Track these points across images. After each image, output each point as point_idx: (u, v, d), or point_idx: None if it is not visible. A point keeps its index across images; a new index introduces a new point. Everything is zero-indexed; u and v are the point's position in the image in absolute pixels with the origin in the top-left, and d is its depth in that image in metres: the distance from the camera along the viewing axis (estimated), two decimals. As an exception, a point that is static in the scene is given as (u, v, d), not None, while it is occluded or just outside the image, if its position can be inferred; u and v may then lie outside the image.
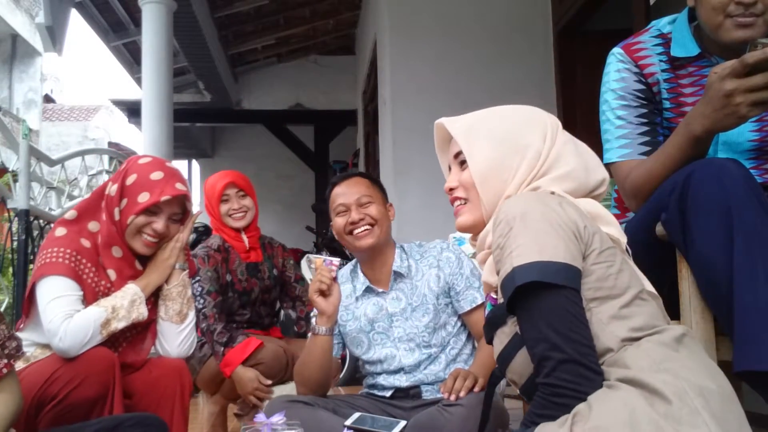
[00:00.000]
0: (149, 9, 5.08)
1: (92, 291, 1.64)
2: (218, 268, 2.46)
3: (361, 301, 1.84)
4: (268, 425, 1.31)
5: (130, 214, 1.67)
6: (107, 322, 1.59)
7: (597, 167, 1.20)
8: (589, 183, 1.17)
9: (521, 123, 1.19)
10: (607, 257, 1.04)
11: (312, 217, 7.37)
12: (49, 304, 1.56)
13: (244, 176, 2.60)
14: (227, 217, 2.52)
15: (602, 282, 1.02)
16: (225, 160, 10.47)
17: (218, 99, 8.15)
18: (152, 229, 1.69)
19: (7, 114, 12.34)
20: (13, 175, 3.19)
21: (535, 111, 1.23)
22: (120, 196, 1.69)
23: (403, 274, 1.81)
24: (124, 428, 1.44)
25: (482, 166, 1.15)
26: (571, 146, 1.18)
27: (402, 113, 4.53)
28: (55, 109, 17.30)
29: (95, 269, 1.66)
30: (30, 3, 13.91)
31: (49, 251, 1.62)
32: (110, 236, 1.69)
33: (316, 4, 7.21)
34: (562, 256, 0.98)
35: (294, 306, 2.68)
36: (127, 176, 1.70)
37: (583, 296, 1.01)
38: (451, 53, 4.48)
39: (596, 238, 1.05)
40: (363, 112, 7.28)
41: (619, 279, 1.04)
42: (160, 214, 1.70)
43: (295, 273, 2.72)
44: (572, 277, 0.99)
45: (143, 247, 1.71)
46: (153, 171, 1.71)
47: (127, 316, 1.63)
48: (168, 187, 1.68)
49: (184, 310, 1.78)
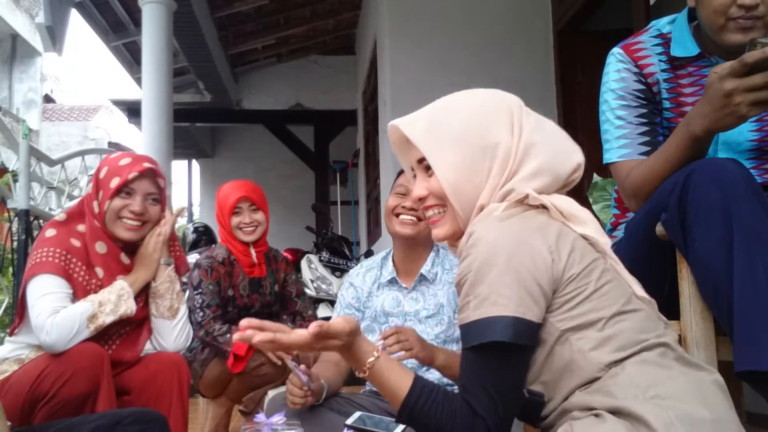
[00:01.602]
0: (149, 9, 5.08)
1: (83, 289, 1.67)
2: (221, 281, 2.47)
3: (382, 290, 1.83)
4: (268, 425, 1.31)
5: (105, 201, 1.71)
6: (94, 316, 1.60)
7: (569, 151, 1.14)
8: (562, 173, 1.12)
9: (484, 116, 1.12)
10: (584, 280, 1.01)
11: (312, 217, 7.37)
12: (38, 301, 1.59)
13: (258, 189, 2.57)
14: (237, 230, 2.51)
15: (579, 309, 1.01)
16: (225, 160, 10.47)
17: (218, 99, 8.14)
18: (130, 211, 1.72)
19: (7, 114, 12.34)
20: (13, 175, 3.19)
21: (496, 96, 1.16)
22: (96, 190, 1.74)
23: (429, 279, 1.80)
24: (123, 425, 1.44)
25: (451, 175, 1.09)
26: (539, 132, 1.12)
27: (402, 113, 4.51)
28: (55, 109, 17.30)
29: (86, 268, 1.69)
30: (30, 3, 13.91)
31: (40, 251, 1.64)
32: (93, 231, 1.73)
33: (316, 4, 7.21)
34: (513, 309, 0.97)
35: (294, 320, 2.67)
36: (100, 171, 1.76)
37: (558, 327, 1.01)
38: (451, 53, 4.48)
39: (571, 263, 1.02)
40: (363, 112, 7.28)
41: (600, 300, 1.01)
42: (134, 195, 1.73)
43: (296, 288, 2.71)
44: (520, 332, 0.97)
45: (126, 231, 1.73)
46: (122, 159, 1.76)
47: (115, 310, 1.64)
48: (135, 166, 1.73)
49: (175, 305, 1.81)
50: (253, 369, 2.35)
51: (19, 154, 3.16)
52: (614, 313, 1.01)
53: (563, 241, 1.03)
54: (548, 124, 1.16)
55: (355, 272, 1.91)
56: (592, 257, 1.05)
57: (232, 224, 2.50)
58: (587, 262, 1.03)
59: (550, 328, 1.02)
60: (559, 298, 1.01)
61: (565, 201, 1.10)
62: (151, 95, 5.05)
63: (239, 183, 2.56)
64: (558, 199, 1.10)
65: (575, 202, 1.11)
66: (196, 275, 2.46)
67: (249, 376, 2.36)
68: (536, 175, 1.09)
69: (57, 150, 10.82)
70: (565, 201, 1.10)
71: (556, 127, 1.17)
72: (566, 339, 1.00)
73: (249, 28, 7.40)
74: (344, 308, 1.87)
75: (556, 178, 1.12)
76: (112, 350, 1.70)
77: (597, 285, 1.02)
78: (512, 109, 1.13)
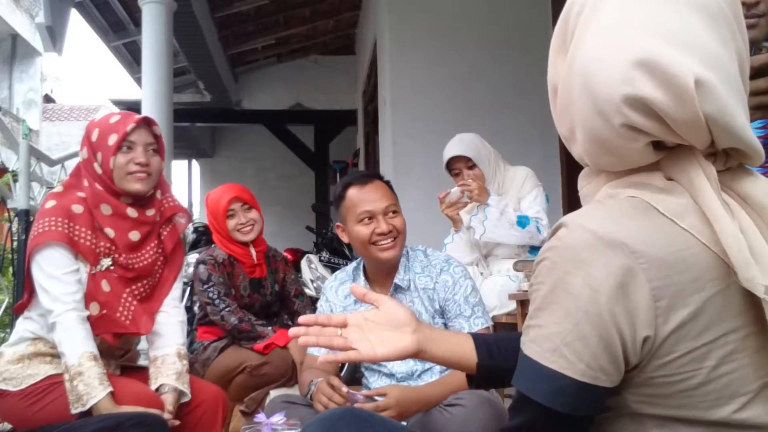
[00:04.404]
0: (149, 9, 5.07)
1: (91, 252, 1.67)
2: (224, 277, 2.49)
3: (359, 305, 1.77)
4: (268, 425, 1.31)
5: (109, 159, 1.69)
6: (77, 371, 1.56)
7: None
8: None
9: None
10: (691, 365, 0.69)
11: (312, 217, 7.37)
12: (47, 283, 1.60)
13: (246, 189, 2.59)
14: (236, 232, 2.52)
15: (671, 401, 0.71)
16: (225, 160, 10.48)
17: (218, 99, 8.15)
18: (135, 163, 1.72)
19: (7, 114, 12.34)
20: (13, 175, 3.19)
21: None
22: (93, 154, 1.72)
23: (403, 287, 1.76)
24: (125, 428, 1.44)
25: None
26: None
27: (402, 113, 4.53)
28: (55, 109, 17.30)
29: (90, 232, 1.68)
30: (30, 3, 13.91)
31: (42, 222, 1.64)
32: (95, 196, 1.72)
33: (316, 4, 7.21)
34: (581, 371, 0.70)
35: (292, 320, 2.67)
36: (91, 135, 1.74)
37: (631, 407, 0.74)
38: (451, 53, 4.48)
39: (684, 334, 0.68)
40: (363, 112, 7.28)
41: (707, 396, 0.70)
42: (135, 147, 1.72)
43: (295, 288, 2.71)
44: (585, 402, 0.72)
45: (136, 184, 1.72)
46: (110, 117, 1.75)
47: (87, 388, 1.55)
48: (129, 119, 1.73)
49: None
50: (254, 369, 2.36)
51: (19, 154, 3.16)
52: (720, 420, 0.70)
53: (689, 293, 0.68)
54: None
55: (329, 285, 1.89)
56: (726, 328, 0.69)
57: (229, 227, 2.51)
58: (712, 337, 0.69)
59: (620, 400, 0.75)
60: (640, 376, 0.72)
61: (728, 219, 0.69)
62: (151, 95, 5.04)
63: (227, 186, 2.59)
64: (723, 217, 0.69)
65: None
66: (203, 270, 2.46)
67: (250, 376, 2.37)
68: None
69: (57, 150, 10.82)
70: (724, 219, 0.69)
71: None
72: (641, 421, 0.74)
73: (249, 28, 7.40)
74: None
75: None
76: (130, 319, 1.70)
77: (710, 376, 0.69)
78: None
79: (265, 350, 2.37)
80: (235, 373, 2.38)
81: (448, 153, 2.70)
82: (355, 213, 1.72)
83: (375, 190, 1.74)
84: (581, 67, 0.75)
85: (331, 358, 0.99)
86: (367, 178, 1.77)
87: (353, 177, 1.80)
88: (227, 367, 2.38)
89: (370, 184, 1.75)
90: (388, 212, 1.73)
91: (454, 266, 1.79)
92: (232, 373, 2.38)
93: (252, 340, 2.40)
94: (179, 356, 1.75)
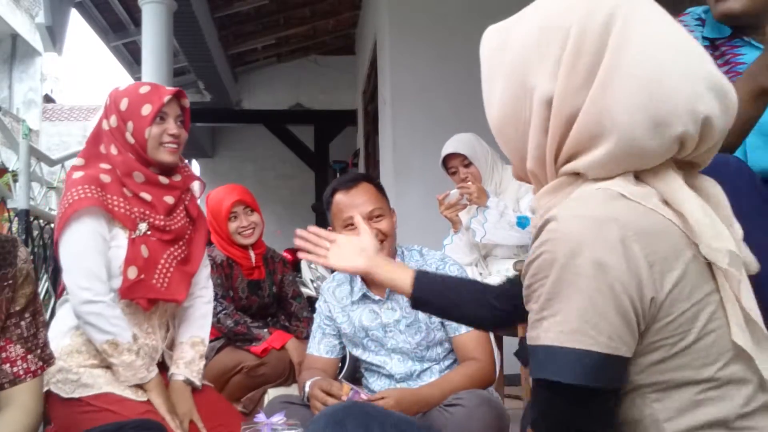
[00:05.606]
0: (149, 9, 5.07)
1: (128, 218, 1.66)
2: (222, 279, 2.49)
3: (356, 306, 1.79)
4: (268, 425, 1.31)
5: (144, 129, 1.69)
6: (116, 345, 1.61)
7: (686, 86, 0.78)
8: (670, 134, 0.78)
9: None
10: (686, 326, 0.77)
11: (312, 217, 7.37)
12: (73, 263, 1.61)
13: (248, 191, 2.58)
14: (237, 235, 2.51)
15: (668, 363, 0.78)
16: (225, 160, 10.47)
17: (218, 99, 8.15)
18: (169, 135, 1.72)
19: (7, 114, 12.35)
20: (13, 175, 3.19)
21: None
22: (123, 123, 1.71)
23: None
24: (126, 430, 1.44)
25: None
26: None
27: (402, 113, 4.53)
28: (55, 109, 17.29)
29: (123, 199, 1.68)
30: (30, 3, 13.91)
31: (73, 191, 1.62)
32: (126, 164, 1.70)
33: (316, 4, 7.21)
34: (604, 344, 0.74)
35: (290, 321, 2.67)
36: (118, 104, 1.73)
37: (633, 381, 0.79)
38: (452, 53, 4.48)
39: (676, 296, 0.76)
40: (363, 112, 7.28)
41: (698, 355, 0.77)
42: (167, 119, 1.73)
43: (293, 289, 2.71)
44: (612, 374, 0.76)
45: (168, 155, 1.73)
46: (139, 87, 1.75)
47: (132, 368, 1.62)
48: (162, 91, 1.73)
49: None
50: (251, 369, 2.36)
51: (19, 154, 3.15)
52: (708, 377, 0.78)
53: (672, 259, 0.77)
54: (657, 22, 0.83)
55: (327, 286, 1.89)
56: (706, 290, 0.79)
57: (230, 230, 2.50)
58: (698, 297, 0.78)
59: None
60: (645, 343, 0.78)
61: (692, 206, 0.81)
62: (151, 95, 5.04)
63: (230, 187, 2.57)
64: (687, 204, 0.81)
65: (696, 203, 0.82)
66: None
67: (248, 376, 2.37)
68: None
69: (57, 150, 10.82)
70: (690, 205, 0.81)
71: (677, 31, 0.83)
72: (642, 394, 0.79)
73: (249, 28, 7.40)
74: (324, 319, 1.85)
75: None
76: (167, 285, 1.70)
77: (700, 334, 0.77)
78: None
79: (262, 354, 2.37)
80: (233, 373, 2.38)
81: (444, 151, 2.72)
82: (340, 219, 1.72)
83: (360, 195, 1.73)
84: (643, 74, 0.78)
85: (303, 256, 1.35)
86: (352, 183, 1.76)
87: (339, 182, 1.80)
88: (224, 367, 2.37)
89: (354, 188, 1.74)
90: (373, 216, 1.71)
91: (450, 264, 1.79)
92: (229, 373, 2.38)
93: (248, 342, 2.39)
94: (192, 345, 1.80)
